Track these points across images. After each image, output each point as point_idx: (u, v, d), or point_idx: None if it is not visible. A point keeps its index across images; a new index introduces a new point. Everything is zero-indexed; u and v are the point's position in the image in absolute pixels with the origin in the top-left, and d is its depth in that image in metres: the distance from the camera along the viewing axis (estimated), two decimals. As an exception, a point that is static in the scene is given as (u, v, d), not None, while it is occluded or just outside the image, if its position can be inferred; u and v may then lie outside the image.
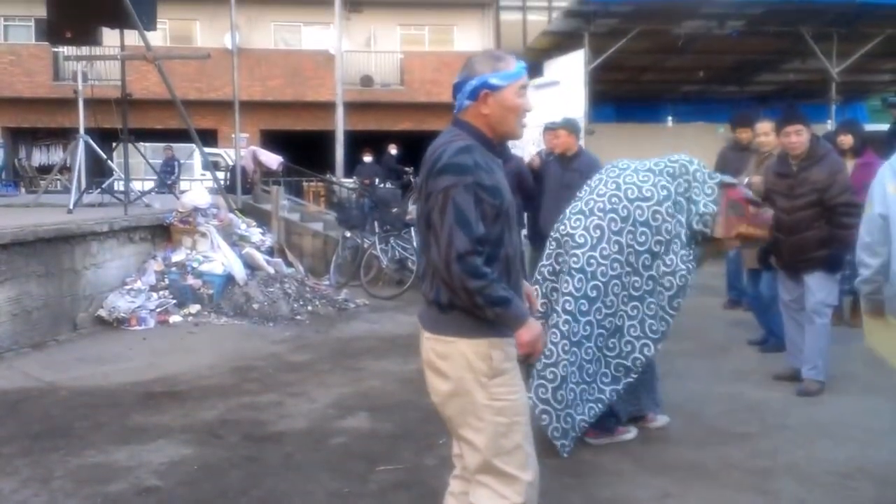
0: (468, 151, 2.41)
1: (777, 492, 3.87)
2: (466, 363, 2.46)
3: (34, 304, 6.88)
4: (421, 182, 2.48)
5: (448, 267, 2.34)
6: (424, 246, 2.51)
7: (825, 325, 5.42)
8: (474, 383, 2.46)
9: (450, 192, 2.34)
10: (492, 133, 2.54)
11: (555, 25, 11.82)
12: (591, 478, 4.03)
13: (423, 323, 2.58)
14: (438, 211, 2.35)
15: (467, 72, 2.54)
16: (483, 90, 2.50)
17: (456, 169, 2.37)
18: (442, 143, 2.49)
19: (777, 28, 11.10)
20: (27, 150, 25.45)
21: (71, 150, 11.97)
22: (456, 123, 2.57)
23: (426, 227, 2.44)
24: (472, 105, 2.52)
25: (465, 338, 2.46)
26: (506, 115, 2.52)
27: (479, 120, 2.53)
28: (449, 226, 2.33)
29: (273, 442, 4.59)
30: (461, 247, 2.32)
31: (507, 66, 2.52)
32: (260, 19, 24.91)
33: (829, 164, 5.29)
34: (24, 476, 4.04)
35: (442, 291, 2.46)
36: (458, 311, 2.44)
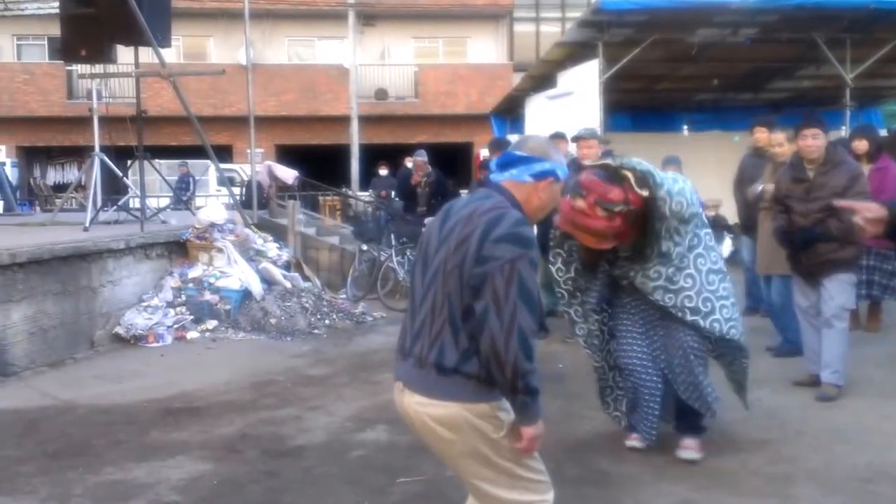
0: (528, 225, 2.42)
1: (797, 497, 3.87)
2: (471, 427, 2.39)
3: (51, 323, 6.90)
4: (461, 237, 2.39)
5: (508, 341, 2.26)
6: (440, 303, 2.40)
7: (844, 329, 5.41)
8: (483, 442, 2.41)
9: (516, 264, 2.29)
10: (532, 214, 2.55)
11: (568, 36, 11.80)
12: (611, 487, 4.01)
13: (412, 385, 2.46)
14: (504, 281, 2.28)
15: (540, 152, 2.57)
16: (551, 177, 2.56)
17: (522, 241, 2.34)
18: (493, 206, 2.43)
19: (791, 35, 11.03)
20: (42, 169, 25.70)
21: (86, 168, 12.06)
22: (498, 189, 2.55)
23: (459, 286, 2.36)
24: (530, 184, 2.54)
25: (468, 402, 2.38)
26: (549, 205, 2.61)
27: (527, 199, 2.54)
28: (514, 300, 2.27)
29: (292, 456, 4.58)
30: (526, 326, 2.28)
31: (564, 163, 2.63)
32: (274, 35, 25.10)
33: (847, 169, 5.31)
34: (44, 495, 4.04)
35: (447, 352, 2.37)
36: (462, 375, 2.36)
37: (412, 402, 2.45)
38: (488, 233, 2.34)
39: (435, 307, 2.41)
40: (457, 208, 2.53)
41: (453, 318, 2.37)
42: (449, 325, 2.37)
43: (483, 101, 22.83)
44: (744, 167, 7.72)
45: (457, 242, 2.39)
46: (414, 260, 2.64)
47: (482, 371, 2.35)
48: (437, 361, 2.38)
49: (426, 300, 2.44)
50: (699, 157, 11.66)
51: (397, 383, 2.53)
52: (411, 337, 2.49)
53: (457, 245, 2.39)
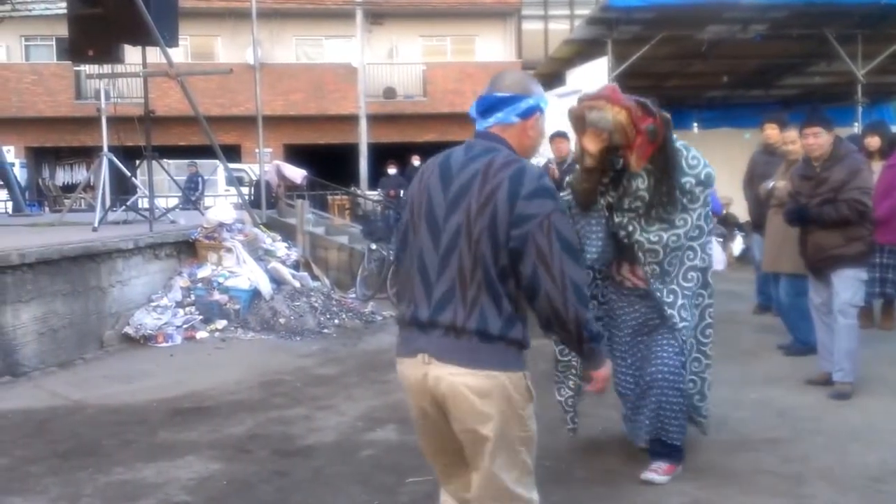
0: (546, 175, 2.37)
1: (810, 497, 3.84)
2: (507, 398, 2.32)
3: (60, 323, 6.91)
4: (484, 196, 2.28)
5: (565, 298, 2.24)
6: (471, 267, 2.29)
7: (850, 325, 5.40)
8: (513, 418, 2.35)
9: (552, 218, 2.25)
10: (520, 154, 2.44)
11: (577, 33, 11.79)
12: (622, 487, 3.99)
13: (444, 355, 2.31)
14: (546, 238, 2.22)
15: (520, 88, 2.46)
16: (537, 113, 2.47)
17: (551, 193, 2.30)
18: (507, 160, 2.34)
19: (801, 31, 10.99)
20: (50, 169, 25.80)
21: (95, 169, 12.07)
22: (493, 138, 2.45)
23: (493, 249, 2.26)
24: (518, 123, 2.45)
25: (510, 370, 2.32)
26: (539, 140, 2.52)
27: (518, 140, 2.46)
28: (559, 255, 2.23)
29: (302, 456, 4.57)
30: (577, 277, 2.26)
31: (544, 92, 2.54)
32: (281, 34, 25.13)
33: (849, 164, 5.29)
34: (54, 495, 4.04)
35: (490, 318, 2.27)
36: (506, 342, 2.30)
37: (444, 374, 2.30)
38: (517, 190, 2.26)
39: (464, 273, 2.29)
40: (457, 165, 2.39)
41: (490, 282, 2.27)
42: (487, 290, 2.27)
43: (491, 99, 22.78)
44: (754, 164, 7.69)
45: (480, 203, 2.28)
46: (405, 224, 2.47)
47: (524, 336, 2.34)
48: (479, 328, 2.27)
49: (448, 266, 2.31)
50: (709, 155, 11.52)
51: (418, 356, 2.35)
52: (433, 306, 2.33)
53: (481, 206, 2.28)
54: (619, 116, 3.68)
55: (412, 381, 2.39)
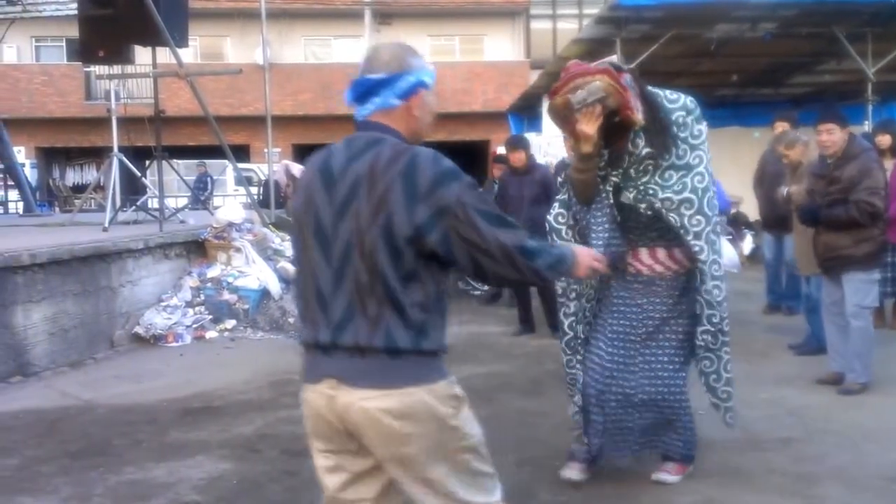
0: (441, 154, 2.11)
1: (823, 497, 3.81)
2: (431, 413, 2.08)
3: (71, 323, 6.94)
4: (375, 200, 2.03)
5: (518, 269, 2.09)
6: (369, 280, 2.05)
7: (863, 327, 5.38)
8: (446, 431, 2.11)
9: (463, 199, 2.03)
10: (410, 138, 2.20)
11: (586, 32, 11.74)
12: (632, 486, 3.97)
13: (352, 380, 2.07)
14: (468, 224, 2.02)
15: (396, 65, 2.16)
16: (421, 89, 2.19)
17: (452, 173, 2.07)
18: (394, 152, 2.07)
19: (810, 29, 10.92)
20: (61, 169, 25.91)
21: (105, 169, 12.13)
22: (376, 127, 2.16)
23: (393, 255, 2.03)
24: (401, 106, 2.17)
25: (428, 383, 2.09)
26: (429, 118, 2.26)
27: (406, 124, 2.20)
28: (489, 233, 2.04)
29: (311, 456, 4.55)
30: (514, 239, 2.07)
31: (427, 63, 2.25)
32: (290, 34, 25.16)
33: (861, 161, 5.25)
34: (65, 494, 4.05)
35: (396, 332, 2.04)
36: (419, 354, 2.08)
37: (354, 400, 2.06)
38: (414, 186, 2.02)
39: (361, 287, 2.05)
40: (339, 166, 2.11)
41: (392, 294, 2.04)
42: (389, 303, 2.04)
43: (500, 98, 22.78)
44: (765, 163, 7.67)
45: (370, 208, 2.03)
46: (296, 238, 2.23)
47: (439, 344, 2.13)
48: (386, 345, 2.04)
49: (343, 281, 2.07)
50: (718, 154, 11.47)
51: (323, 382, 2.11)
52: (333, 327, 2.09)
53: (372, 211, 2.03)
54: (604, 80, 3.45)
55: (319, 409, 2.15)
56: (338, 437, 2.15)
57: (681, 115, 3.68)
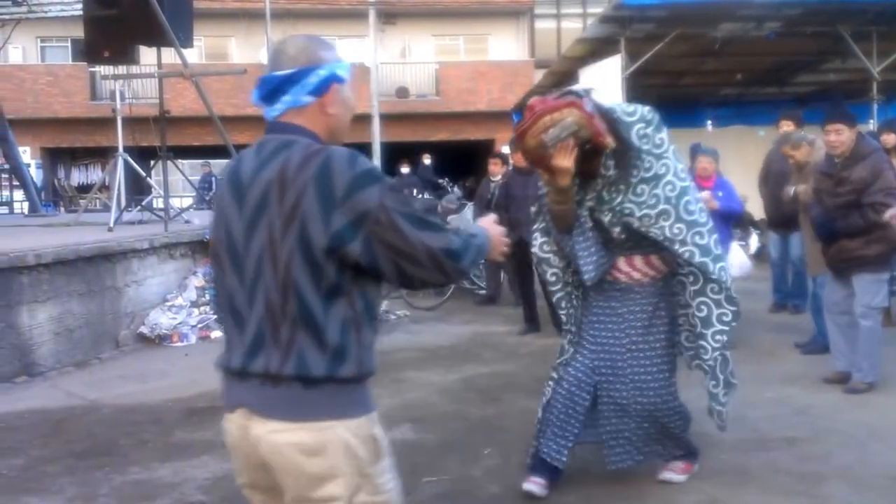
0: (358, 153, 1.92)
1: (828, 496, 3.81)
2: (348, 452, 1.87)
3: (76, 323, 6.95)
4: (287, 208, 1.83)
5: (443, 269, 1.90)
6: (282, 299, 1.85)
7: (872, 328, 5.37)
8: (359, 478, 1.89)
9: (385, 203, 1.83)
10: (328, 138, 2.00)
11: (590, 32, 11.72)
12: (637, 485, 3.97)
13: (263, 410, 1.88)
14: (392, 230, 1.83)
15: (305, 59, 1.96)
16: (334, 83, 1.98)
17: (370, 175, 1.87)
18: (306, 154, 1.87)
19: (815, 28, 10.89)
20: (66, 169, 25.95)
21: (110, 169, 12.15)
22: (284, 129, 1.96)
23: (310, 270, 1.83)
24: (314, 103, 1.97)
25: (346, 417, 1.88)
26: (347, 115, 2.06)
27: (320, 123, 1.99)
28: (415, 238, 1.85)
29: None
30: (440, 243, 1.88)
31: (342, 56, 2.06)
32: (294, 34, 25.17)
33: (872, 162, 5.21)
34: (70, 494, 4.06)
35: (310, 358, 1.84)
36: (336, 382, 1.87)
37: (264, 432, 1.87)
38: (329, 191, 1.82)
39: (273, 306, 1.86)
40: (248, 173, 1.91)
41: (308, 313, 1.84)
42: (304, 324, 1.84)
43: (504, 98, 22.77)
44: (770, 162, 7.66)
45: (284, 217, 1.84)
46: (212, 255, 2.05)
47: (361, 369, 1.91)
48: (299, 373, 1.84)
49: (256, 301, 1.88)
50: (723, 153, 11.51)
51: (236, 412, 1.93)
52: (245, 351, 1.90)
53: (285, 220, 1.83)
54: (574, 114, 3.44)
55: (235, 440, 1.96)
56: (255, 472, 1.96)
57: (641, 127, 3.64)
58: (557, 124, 3.43)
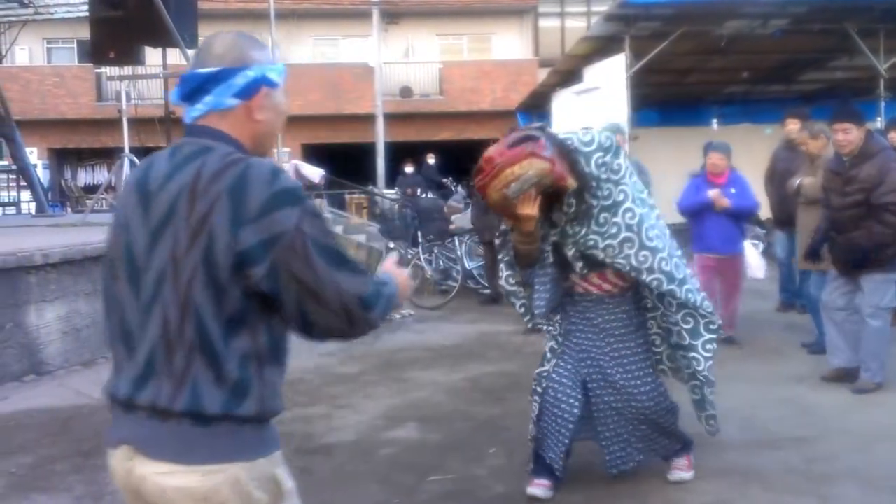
0: (281, 170, 1.74)
1: (837, 496, 3.80)
2: (242, 497, 1.69)
3: (83, 322, 6.97)
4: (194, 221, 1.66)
5: (352, 323, 1.72)
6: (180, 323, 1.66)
7: (881, 328, 5.34)
8: None
9: (302, 228, 1.65)
10: (254, 148, 1.82)
11: (594, 30, 11.72)
12: (644, 485, 3.97)
13: (149, 449, 1.68)
14: (303, 261, 1.64)
15: (232, 58, 1.77)
16: (263, 86, 1.80)
17: (291, 195, 1.68)
18: (224, 163, 1.68)
19: (822, 26, 10.86)
20: (72, 170, 26.04)
21: (116, 170, 12.17)
22: (207, 133, 1.77)
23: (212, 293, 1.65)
24: (240, 106, 1.78)
25: (243, 459, 1.69)
26: (278, 122, 1.88)
27: (246, 129, 1.80)
28: (327, 275, 1.66)
29: (323, 454, 4.59)
30: (355, 287, 1.70)
31: (276, 58, 1.90)
32: (298, 34, 25.21)
33: (880, 161, 5.17)
34: (78, 493, 4.08)
35: (205, 392, 1.64)
36: (233, 421, 1.67)
37: (149, 473, 1.67)
38: (242, 206, 1.63)
39: (169, 330, 1.66)
40: (157, 179, 1.72)
41: (207, 341, 1.65)
42: (202, 352, 1.65)
43: (508, 97, 22.77)
44: (776, 160, 7.64)
45: (190, 230, 1.64)
46: (105, 264, 1.84)
47: (262, 407, 1.71)
48: (190, 408, 1.64)
49: (151, 323, 1.68)
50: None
51: (119, 449, 1.73)
52: (133, 379, 1.69)
53: (192, 234, 1.64)
54: (532, 166, 3.38)
55: (120, 480, 1.77)
56: None
57: (599, 156, 3.58)
58: (519, 178, 3.38)
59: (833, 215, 5.39)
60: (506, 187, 3.40)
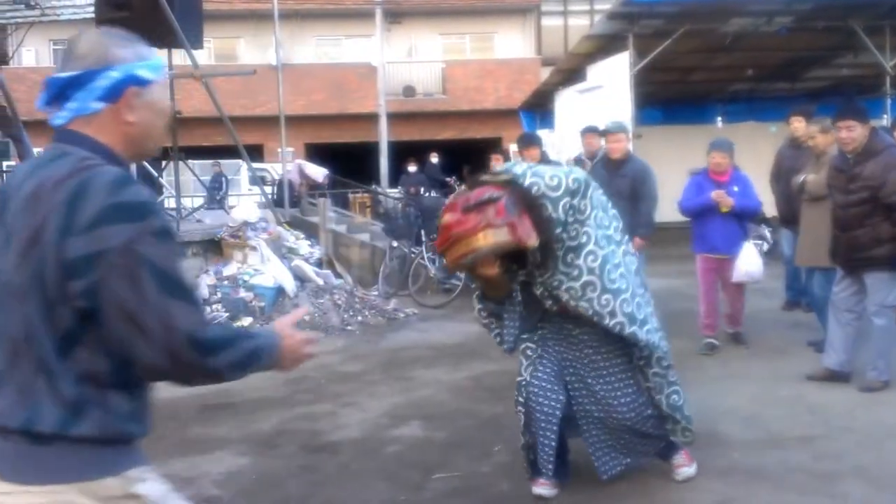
0: (131, 182, 1.60)
1: (844, 495, 3.78)
2: None
3: (91, 320, 7.00)
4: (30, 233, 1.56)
5: (177, 360, 1.55)
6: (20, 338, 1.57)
7: (886, 326, 5.30)
8: None
9: (135, 248, 1.51)
10: (129, 151, 1.72)
11: (598, 28, 11.71)
12: (648, 484, 3.96)
13: None
14: (128, 283, 1.51)
15: (94, 59, 1.65)
16: (131, 86, 1.67)
17: (131, 210, 1.54)
18: (70, 171, 1.58)
19: (827, 23, 10.85)
20: (80, 171, 26.13)
21: (123, 170, 12.24)
22: (70, 138, 1.67)
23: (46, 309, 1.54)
24: (106, 109, 1.66)
25: (84, 480, 1.57)
26: (156, 122, 1.75)
27: (115, 132, 1.68)
28: (155, 303, 1.52)
29: (328, 452, 4.60)
30: (190, 323, 1.56)
31: (150, 52, 1.75)
32: (302, 35, 25.24)
33: (885, 159, 5.12)
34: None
35: (43, 410, 1.54)
36: (70, 441, 1.56)
37: None
38: (73, 217, 1.52)
39: (15, 344, 1.58)
40: (13, 188, 1.65)
41: (44, 357, 1.55)
42: (40, 369, 1.55)
43: (511, 96, 22.77)
44: (781, 158, 7.61)
45: (24, 244, 1.56)
46: None
47: (105, 432, 1.58)
48: (26, 426, 1.54)
49: (1, 335, 1.60)
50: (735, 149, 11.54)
51: None
52: None
53: (25, 248, 1.55)
54: (488, 240, 3.32)
55: None
56: None
57: (566, 201, 3.51)
58: (474, 251, 3.35)
59: (837, 213, 5.37)
60: (461, 258, 3.40)
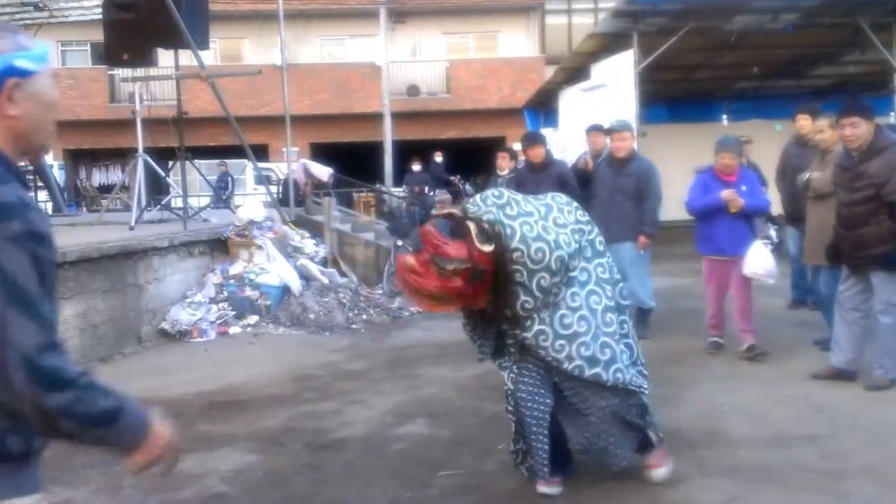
0: (1, 181, 1.52)
1: (851, 494, 3.77)
2: None
3: (100, 319, 7.06)
4: None
5: (12, 389, 1.44)
6: None
7: (891, 324, 5.26)
8: None
9: None
10: (15, 147, 1.63)
11: (602, 27, 11.71)
12: (652, 483, 3.95)
13: None
14: None
15: None
16: (9, 79, 1.58)
17: None
18: None
19: (833, 20, 10.82)
20: (87, 170, 26.18)
21: (130, 170, 12.28)
22: None
23: None
24: None
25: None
26: (44, 115, 1.66)
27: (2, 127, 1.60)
28: None
29: (334, 449, 4.63)
30: (28, 342, 1.45)
31: (32, 42, 1.65)
32: (306, 35, 25.27)
33: (889, 156, 5.09)
34: (95, 486, 4.14)
35: None
36: None
37: None
38: None
39: None
40: None
41: None
42: None
43: (515, 95, 22.77)
44: (787, 156, 7.59)
45: None
46: None
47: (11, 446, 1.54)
48: None
49: None
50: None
51: None
52: None
53: None
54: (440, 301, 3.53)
55: None
56: None
57: (543, 275, 3.52)
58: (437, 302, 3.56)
59: (841, 211, 5.35)
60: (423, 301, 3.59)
